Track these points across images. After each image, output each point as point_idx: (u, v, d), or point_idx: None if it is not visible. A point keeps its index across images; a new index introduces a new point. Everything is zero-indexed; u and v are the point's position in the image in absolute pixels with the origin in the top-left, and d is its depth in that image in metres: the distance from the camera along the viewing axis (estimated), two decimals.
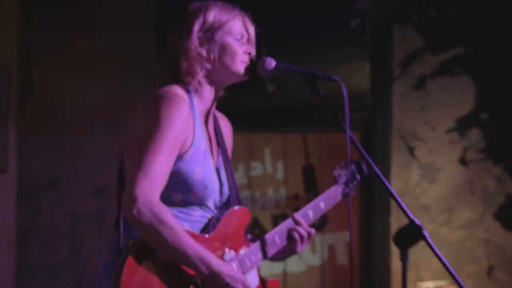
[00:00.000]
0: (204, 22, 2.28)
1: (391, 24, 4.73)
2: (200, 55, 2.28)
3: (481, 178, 4.65)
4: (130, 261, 2.08)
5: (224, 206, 2.35)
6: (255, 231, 4.89)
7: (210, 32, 2.28)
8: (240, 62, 2.31)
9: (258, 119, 4.85)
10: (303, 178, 5.00)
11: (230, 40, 2.29)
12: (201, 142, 2.27)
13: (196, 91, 2.29)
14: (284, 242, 2.39)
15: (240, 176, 4.97)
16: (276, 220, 4.97)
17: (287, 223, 2.41)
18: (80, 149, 4.75)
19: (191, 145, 2.22)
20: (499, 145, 4.67)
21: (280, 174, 5.02)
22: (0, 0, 4.70)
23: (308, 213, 2.48)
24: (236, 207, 2.33)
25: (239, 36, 2.31)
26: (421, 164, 4.70)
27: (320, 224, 4.95)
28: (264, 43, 3.91)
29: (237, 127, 5.09)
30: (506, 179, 4.64)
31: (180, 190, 2.22)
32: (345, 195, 2.60)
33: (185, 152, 2.21)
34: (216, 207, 2.32)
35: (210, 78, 2.31)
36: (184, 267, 2.16)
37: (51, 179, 4.79)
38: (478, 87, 4.70)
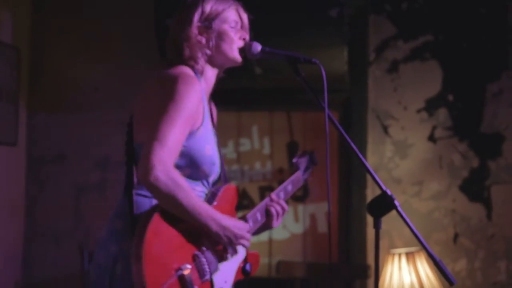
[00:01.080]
0: (202, 12, 2.30)
1: (367, 14, 4.72)
2: (200, 42, 2.30)
3: (448, 154, 4.67)
4: (152, 227, 2.06)
5: (216, 182, 2.36)
6: (244, 202, 4.92)
7: (208, 22, 2.30)
8: (236, 48, 2.34)
9: (246, 99, 4.84)
10: (288, 153, 5.00)
11: (226, 27, 2.32)
12: (209, 122, 2.28)
13: (201, 73, 2.30)
14: (264, 218, 2.43)
15: (230, 152, 4.97)
16: (263, 191, 4.98)
17: (265, 201, 2.45)
18: (84, 126, 4.73)
19: (201, 123, 2.23)
20: (464, 124, 4.68)
21: (266, 150, 5.01)
22: None
23: (280, 194, 2.51)
24: (229, 184, 2.37)
25: (233, 24, 2.34)
26: (394, 141, 4.71)
27: (303, 195, 4.95)
28: (252, 30, 3.89)
29: (227, 106, 5.13)
30: (470, 154, 4.66)
31: (190, 165, 2.22)
32: (304, 180, 2.69)
33: (197, 129, 2.21)
34: (213, 182, 2.34)
35: (211, 63, 2.33)
36: (194, 230, 2.16)
37: (57, 153, 4.77)
38: (445, 71, 4.70)
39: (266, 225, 2.47)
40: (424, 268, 4.19)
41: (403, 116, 4.71)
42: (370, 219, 4.12)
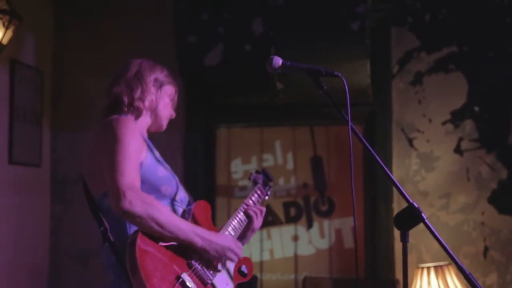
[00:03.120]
0: (154, 73, 2.52)
1: (389, 26, 4.70)
2: (151, 92, 2.47)
3: (475, 166, 4.61)
4: (138, 246, 2.12)
5: (187, 201, 2.46)
6: (268, 218, 4.90)
7: (159, 84, 2.50)
8: (166, 119, 2.53)
9: (268, 114, 4.84)
10: (311, 168, 4.97)
11: (168, 98, 2.53)
12: (153, 150, 2.38)
13: (137, 118, 2.45)
14: (246, 219, 2.56)
15: (253, 168, 4.96)
16: (287, 207, 4.96)
17: (240, 209, 2.58)
18: None
19: (147, 153, 2.32)
20: (490, 135, 4.62)
21: (290, 165, 4.99)
22: (37, 12, 4.72)
23: (250, 199, 2.65)
24: (199, 200, 2.47)
25: (171, 99, 2.56)
26: (420, 154, 4.66)
27: (328, 211, 4.92)
28: (273, 46, 3.90)
29: (250, 123, 5.12)
30: (498, 166, 4.60)
31: (151, 190, 2.28)
32: (266, 195, 2.81)
33: (145, 158, 2.30)
34: (182, 202, 2.41)
35: (145, 116, 2.48)
36: (180, 247, 2.23)
37: (81, 172, 4.78)
38: (470, 82, 4.66)
39: (249, 229, 2.57)
40: (454, 282, 4.12)
41: (428, 128, 4.67)
42: (397, 234, 4.07)
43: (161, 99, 2.50)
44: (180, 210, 2.38)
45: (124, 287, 2.18)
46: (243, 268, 2.50)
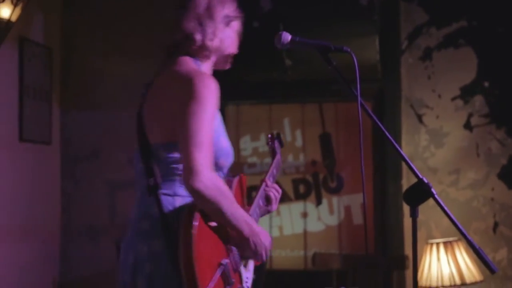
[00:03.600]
0: (226, 7, 2.36)
1: (398, 1, 4.67)
2: (220, 29, 2.34)
3: (485, 141, 4.60)
4: (195, 227, 2.09)
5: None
6: None
7: (228, 20, 2.37)
8: (231, 57, 2.44)
9: (277, 91, 4.83)
10: (320, 145, 4.98)
11: (234, 36, 2.41)
12: (218, 114, 2.29)
13: (203, 62, 2.35)
14: (265, 203, 2.54)
15: (262, 145, 4.97)
16: (296, 184, 4.97)
17: (262, 188, 2.54)
18: (116, 122, 4.77)
19: (216, 117, 2.25)
20: (501, 110, 4.60)
21: (299, 142, 5.00)
22: None
23: (270, 179, 2.61)
24: (243, 175, 2.45)
25: (238, 34, 2.44)
26: (429, 130, 4.65)
27: (337, 187, 4.93)
28: (282, 22, 3.89)
29: (258, 99, 5.12)
30: (508, 141, 4.58)
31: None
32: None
33: (215, 124, 2.22)
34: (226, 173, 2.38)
35: (213, 57, 2.38)
36: (223, 229, 2.21)
37: (91, 150, 4.82)
38: (480, 58, 4.63)
39: (266, 210, 2.56)
40: (463, 258, 4.13)
41: (437, 104, 4.66)
42: (406, 210, 4.08)
43: (229, 37, 2.38)
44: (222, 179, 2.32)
45: (150, 263, 2.15)
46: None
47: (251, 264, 2.40)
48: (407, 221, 4.48)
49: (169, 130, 2.18)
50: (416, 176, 2.15)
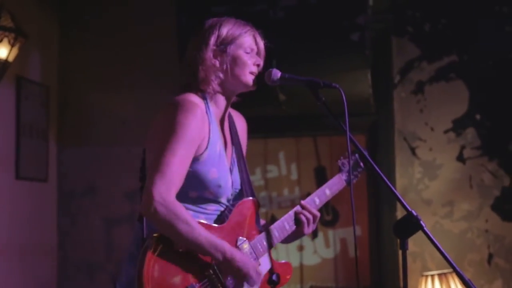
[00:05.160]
0: (219, 36, 2.33)
1: (389, 36, 4.74)
2: (214, 65, 2.32)
3: (478, 173, 4.64)
4: (149, 254, 2.12)
5: (237, 197, 2.38)
6: None
7: (224, 45, 2.32)
8: (248, 73, 2.35)
9: (272, 126, 4.87)
10: (315, 178, 5.01)
11: (240, 53, 2.34)
12: (217, 144, 2.30)
13: (211, 97, 2.33)
14: (293, 227, 2.45)
15: (257, 179, 5.00)
16: None
17: (294, 209, 2.48)
18: (112, 159, 4.80)
19: (206, 147, 2.25)
20: (492, 143, 4.65)
21: (294, 175, 5.03)
22: (42, 28, 4.78)
23: (315, 199, 2.54)
24: (245, 199, 2.37)
25: (249, 50, 2.36)
26: (423, 162, 4.69)
27: (332, 220, 4.95)
28: (275, 57, 3.93)
29: (253, 134, 5.12)
30: (500, 173, 4.62)
31: (196, 188, 2.25)
32: (348, 182, 2.64)
33: (201, 154, 2.24)
34: (228, 201, 2.35)
35: (223, 87, 2.35)
36: (200, 255, 2.20)
37: (87, 186, 4.84)
38: (471, 90, 4.69)
39: (298, 233, 2.48)
40: None
41: (430, 137, 4.70)
42: None
43: (232, 60, 2.32)
44: (221, 209, 2.32)
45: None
46: (274, 277, 2.44)
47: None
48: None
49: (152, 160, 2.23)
50: (405, 208, 2.19)
